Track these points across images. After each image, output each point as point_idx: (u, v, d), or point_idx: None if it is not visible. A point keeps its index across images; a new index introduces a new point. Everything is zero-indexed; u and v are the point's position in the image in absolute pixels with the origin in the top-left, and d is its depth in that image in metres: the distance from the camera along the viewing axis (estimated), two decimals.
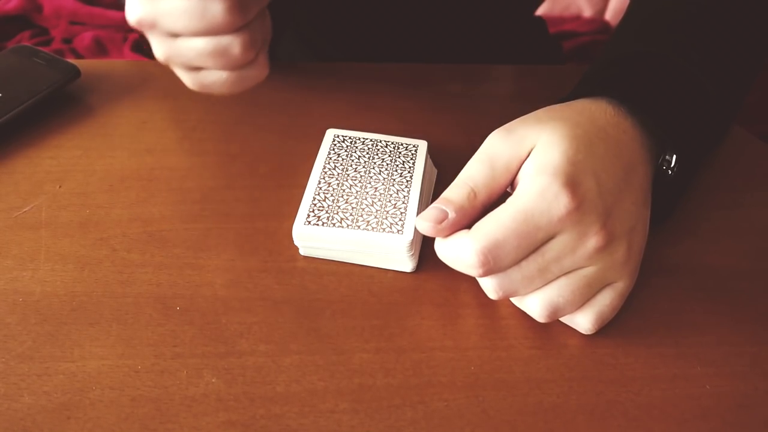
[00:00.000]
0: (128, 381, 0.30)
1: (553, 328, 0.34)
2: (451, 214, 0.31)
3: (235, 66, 0.35)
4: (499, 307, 0.35)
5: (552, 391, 0.31)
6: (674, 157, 0.36)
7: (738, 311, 0.36)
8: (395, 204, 0.37)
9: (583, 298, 0.32)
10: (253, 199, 0.41)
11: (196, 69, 0.36)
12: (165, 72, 0.49)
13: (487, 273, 0.30)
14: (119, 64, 0.56)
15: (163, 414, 0.29)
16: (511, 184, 0.33)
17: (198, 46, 0.34)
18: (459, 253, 0.30)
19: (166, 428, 0.28)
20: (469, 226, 0.31)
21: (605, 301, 0.33)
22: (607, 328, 0.34)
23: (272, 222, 0.39)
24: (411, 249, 0.36)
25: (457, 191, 0.32)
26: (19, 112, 0.44)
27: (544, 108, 0.35)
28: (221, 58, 0.34)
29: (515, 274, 0.31)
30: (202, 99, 0.50)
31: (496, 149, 0.32)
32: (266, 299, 0.35)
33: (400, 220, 0.36)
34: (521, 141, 0.32)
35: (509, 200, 0.31)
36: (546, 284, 0.32)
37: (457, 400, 0.31)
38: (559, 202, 0.30)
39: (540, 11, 0.91)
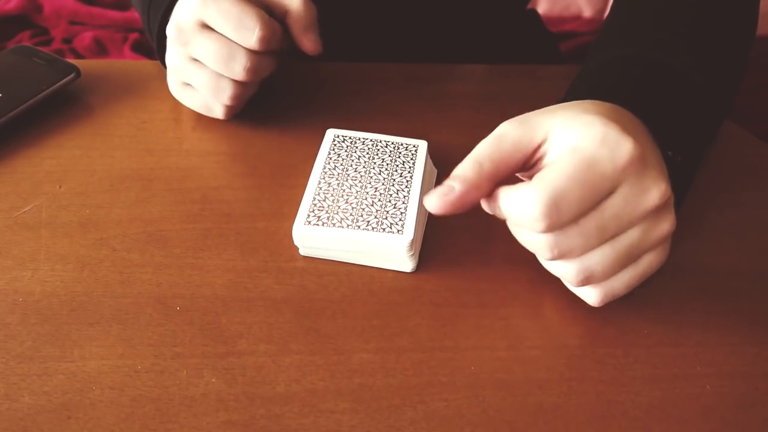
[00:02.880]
0: (128, 381, 0.30)
1: (553, 328, 0.34)
2: (457, 187, 0.31)
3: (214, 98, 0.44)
4: (499, 308, 0.35)
5: (552, 391, 0.31)
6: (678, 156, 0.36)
7: (738, 311, 0.36)
8: (395, 204, 0.37)
9: (620, 268, 0.31)
10: (253, 199, 0.41)
11: (188, 85, 0.45)
12: (165, 72, 0.49)
13: (551, 226, 0.29)
14: (119, 64, 0.56)
15: (163, 414, 0.29)
16: (530, 168, 0.32)
17: (204, 78, 0.43)
18: (522, 204, 0.29)
19: (166, 428, 0.28)
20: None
21: (623, 277, 0.32)
22: (607, 328, 0.34)
23: (272, 222, 0.39)
24: (411, 249, 0.36)
25: (461, 166, 0.31)
26: (19, 112, 0.44)
27: (546, 107, 0.34)
28: (213, 91, 0.43)
29: (573, 231, 0.30)
30: None
31: (506, 129, 0.32)
32: (266, 299, 0.35)
33: (400, 220, 0.36)
34: (534, 126, 0.31)
35: (568, 150, 0.30)
36: (598, 245, 0.30)
37: (457, 400, 0.31)
38: (623, 147, 0.29)
39: (540, 11, 0.92)
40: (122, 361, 0.31)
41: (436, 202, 0.31)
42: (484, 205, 0.32)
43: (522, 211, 0.29)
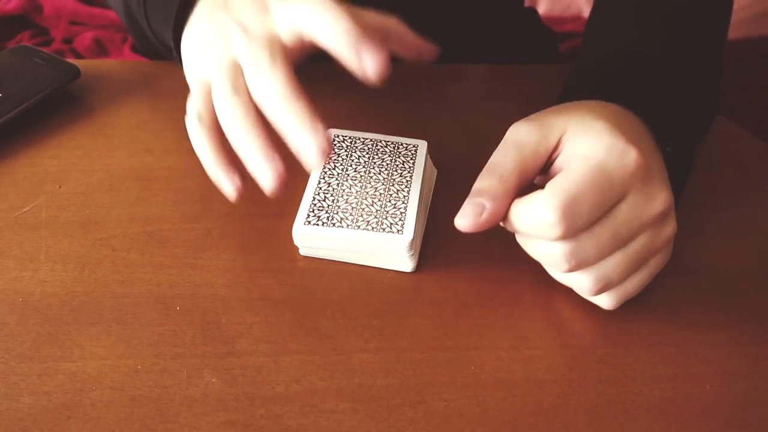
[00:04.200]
0: (128, 381, 0.30)
1: (553, 328, 0.34)
2: (488, 204, 0.31)
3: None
4: (499, 308, 0.35)
5: (552, 391, 0.31)
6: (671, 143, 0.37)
7: (738, 311, 0.36)
8: (395, 204, 0.37)
9: (632, 272, 0.32)
10: (253, 199, 0.41)
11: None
12: (165, 72, 0.49)
13: (567, 230, 0.29)
14: (119, 64, 0.56)
15: (163, 414, 0.29)
16: (546, 173, 0.32)
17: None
18: (536, 212, 0.30)
19: (166, 428, 0.28)
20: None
21: (634, 279, 0.33)
22: (607, 328, 0.34)
23: (272, 222, 0.39)
24: (411, 249, 0.35)
25: (487, 180, 0.31)
26: (19, 112, 0.44)
27: (553, 106, 0.35)
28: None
29: (588, 240, 0.30)
30: None
31: (522, 135, 0.32)
32: (266, 299, 0.35)
33: (400, 219, 0.36)
34: (549, 129, 0.32)
35: (579, 158, 0.30)
36: (612, 253, 0.31)
37: (457, 400, 0.31)
38: (629, 156, 0.30)
39: (540, 11, 0.92)
40: (122, 361, 0.31)
41: (469, 222, 0.31)
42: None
43: (537, 218, 0.30)
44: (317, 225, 0.36)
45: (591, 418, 0.30)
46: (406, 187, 0.38)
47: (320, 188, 0.38)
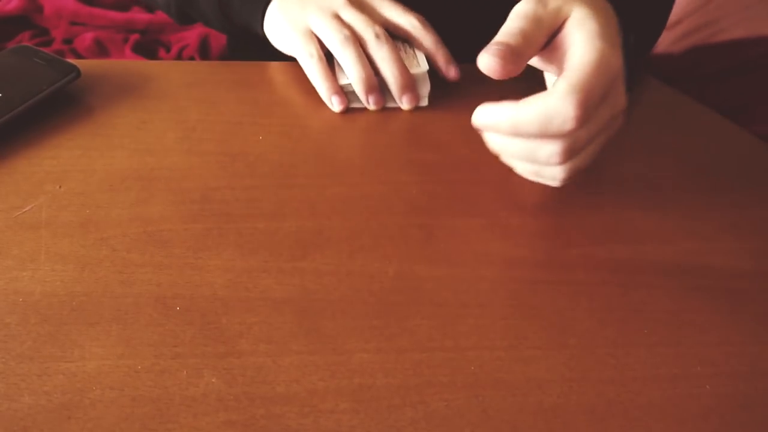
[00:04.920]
0: (128, 381, 0.30)
1: (553, 328, 0.34)
2: (513, 42, 0.33)
3: None
4: (499, 308, 0.35)
5: (552, 391, 0.31)
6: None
7: (738, 311, 0.36)
8: (405, 50, 0.50)
9: (593, 157, 0.36)
10: (253, 199, 0.41)
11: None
12: (165, 72, 0.49)
13: (580, 123, 0.31)
14: (119, 64, 0.56)
15: (163, 414, 0.29)
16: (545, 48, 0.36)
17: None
18: (555, 107, 0.32)
19: (166, 428, 0.28)
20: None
21: (586, 156, 0.36)
22: (607, 328, 0.34)
23: (272, 222, 0.39)
24: (426, 81, 0.49)
25: (506, 38, 0.33)
26: (19, 112, 0.44)
27: None
28: None
29: (582, 132, 0.33)
30: (202, 99, 0.50)
31: (532, 10, 0.34)
32: (266, 299, 0.35)
33: (414, 57, 0.50)
34: (556, 11, 0.34)
35: (578, 55, 0.33)
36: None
37: (457, 400, 0.31)
38: (617, 61, 0.33)
39: None
40: (122, 361, 0.31)
41: (494, 63, 0.33)
42: (492, 139, 0.37)
43: (555, 112, 0.32)
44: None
45: (591, 418, 0.30)
46: (411, 48, 0.51)
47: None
